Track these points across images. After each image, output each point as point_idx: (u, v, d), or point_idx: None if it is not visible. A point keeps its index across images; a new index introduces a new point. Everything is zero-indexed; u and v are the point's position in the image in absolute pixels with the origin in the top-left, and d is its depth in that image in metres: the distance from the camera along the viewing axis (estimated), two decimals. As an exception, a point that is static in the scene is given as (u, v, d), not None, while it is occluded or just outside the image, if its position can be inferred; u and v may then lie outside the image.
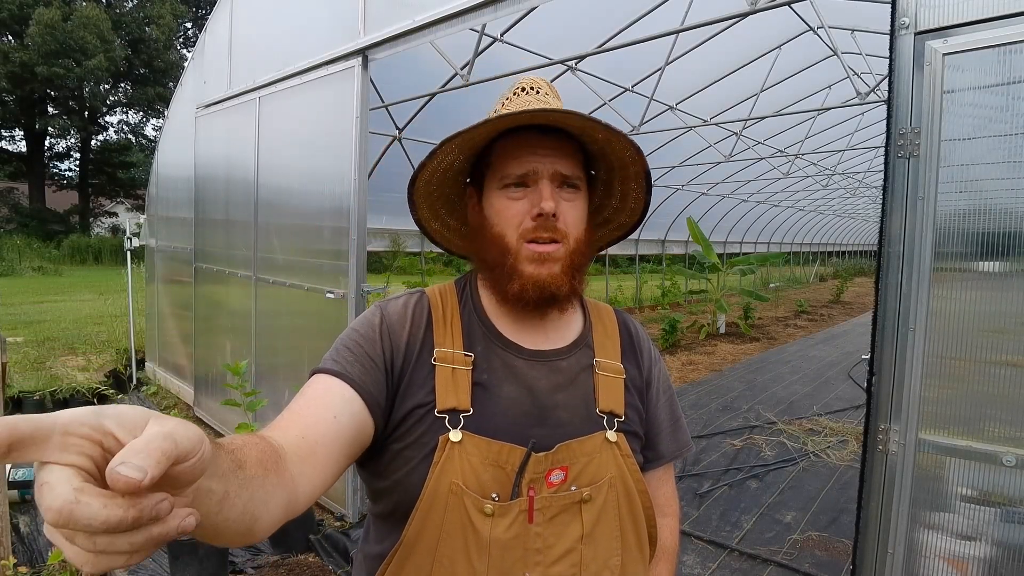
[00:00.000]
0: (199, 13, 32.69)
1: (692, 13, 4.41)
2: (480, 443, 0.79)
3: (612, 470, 0.84)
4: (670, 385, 1.01)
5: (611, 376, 0.91)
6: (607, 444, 0.85)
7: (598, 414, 0.87)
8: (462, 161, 0.91)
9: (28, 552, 3.00)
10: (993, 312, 1.37)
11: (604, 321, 0.98)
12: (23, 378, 5.69)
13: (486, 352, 0.86)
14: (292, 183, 3.80)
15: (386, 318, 0.87)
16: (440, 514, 0.77)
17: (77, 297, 12.68)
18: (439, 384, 0.82)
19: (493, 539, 0.77)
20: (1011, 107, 1.32)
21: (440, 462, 0.78)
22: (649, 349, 1.00)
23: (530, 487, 0.79)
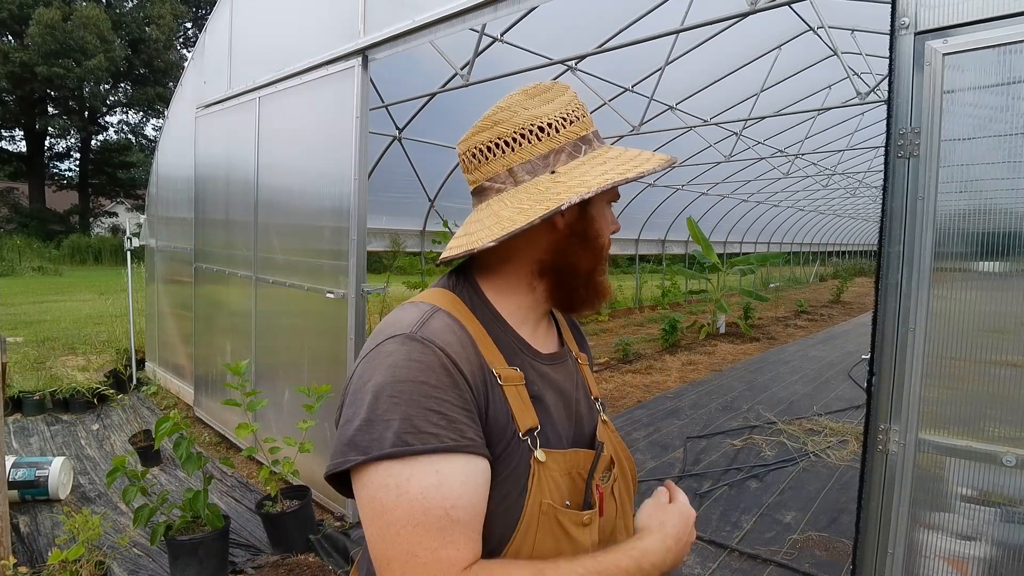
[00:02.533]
0: (199, 13, 32.67)
1: (692, 13, 4.41)
2: (557, 456, 0.79)
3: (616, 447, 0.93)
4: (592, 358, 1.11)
5: (585, 366, 1.00)
6: (604, 425, 0.93)
7: (593, 401, 0.96)
8: None
9: (28, 552, 3.00)
10: (993, 312, 1.37)
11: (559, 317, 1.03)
12: (23, 378, 5.69)
13: (524, 364, 0.83)
14: (292, 183, 3.80)
15: (452, 356, 0.73)
16: (533, 536, 0.74)
17: (77, 297, 12.68)
18: (514, 406, 0.77)
19: (592, 545, 0.80)
20: (1011, 107, 1.32)
21: (532, 485, 0.75)
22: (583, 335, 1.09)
23: (597, 485, 0.83)
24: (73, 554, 2.34)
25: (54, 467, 3.51)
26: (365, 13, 3.13)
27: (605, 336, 9.74)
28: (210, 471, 2.93)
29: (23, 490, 3.45)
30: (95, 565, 2.53)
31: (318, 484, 3.47)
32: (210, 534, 2.69)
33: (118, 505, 3.54)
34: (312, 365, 3.62)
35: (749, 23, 4.82)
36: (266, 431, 3.68)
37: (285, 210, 3.87)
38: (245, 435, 3.00)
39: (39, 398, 5.25)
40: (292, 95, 3.76)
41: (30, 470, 3.48)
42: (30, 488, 3.46)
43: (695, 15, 4.34)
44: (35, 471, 3.48)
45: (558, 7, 4.20)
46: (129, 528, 3.17)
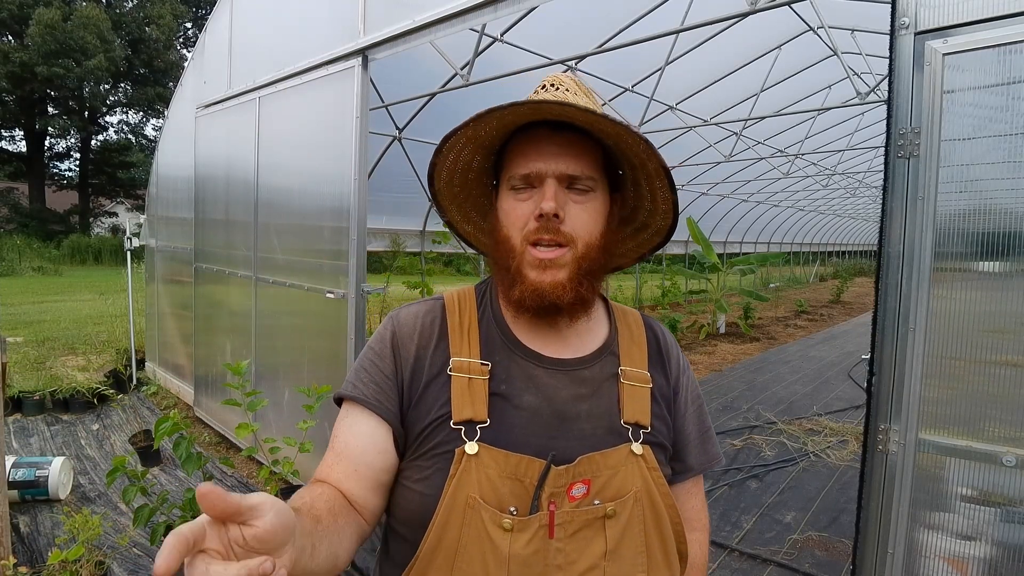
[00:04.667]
0: (199, 13, 32.66)
1: (692, 13, 4.41)
2: (497, 455, 0.76)
3: (637, 483, 0.80)
4: (699, 394, 0.96)
5: (637, 385, 0.86)
6: (632, 457, 0.81)
7: (623, 425, 0.83)
8: (480, 160, 0.89)
9: (28, 552, 3.00)
10: (993, 312, 1.37)
11: (631, 327, 0.93)
12: (23, 378, 5.69)
13: (505, 361, 0.83)
14: (292, 183, 3.80)
15: (396, 330, 0.87)
16: (457, 529, 0.75)
17: (77, 297, 12.67)
18: (454, 395, 0.80)
19: (512, 555, 0.74)
20: (1011, 107, 1.32)
21: (456, 475, 0.76)
22: (678, 356, 0.95)
23: (551, 501, 0.76)
24: (73, 554, 2.34)
25: (54, 467, 3.51)
26: (365, 13, 3.13)
27: (605, 336, 9.71)
28: (210, 471, 2.93)
29: (23, 490, 3.44)
30: (95, 565, 2.53)
31: (318, 484, 3.47)
32: None
33: (118, 505, 3.54)
34: (312, 365, 3.61)
35: (749, 23, 4.81)
36: (266, 431, 3.68)
37: (285, 210, 3.87)
38: (245, 435, 3.00)
39: (39, 398, 5.25)
40: (292, 95, 3.76)
41: (30, 470, 3.47)
42: (30, 488, 3.46)
43: (695, 15, 4.34)
44: (35, 471, 3.48)
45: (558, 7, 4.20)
46: (129, 528, 3.17)
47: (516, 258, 0.80)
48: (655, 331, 0.96)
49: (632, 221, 0.93)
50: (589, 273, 0.81)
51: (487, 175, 0.91)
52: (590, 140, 0.82)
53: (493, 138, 0.85)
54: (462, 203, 0.94)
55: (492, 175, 0.91)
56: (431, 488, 0.77)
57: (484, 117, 0.78)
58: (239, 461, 4.15)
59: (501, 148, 0.87)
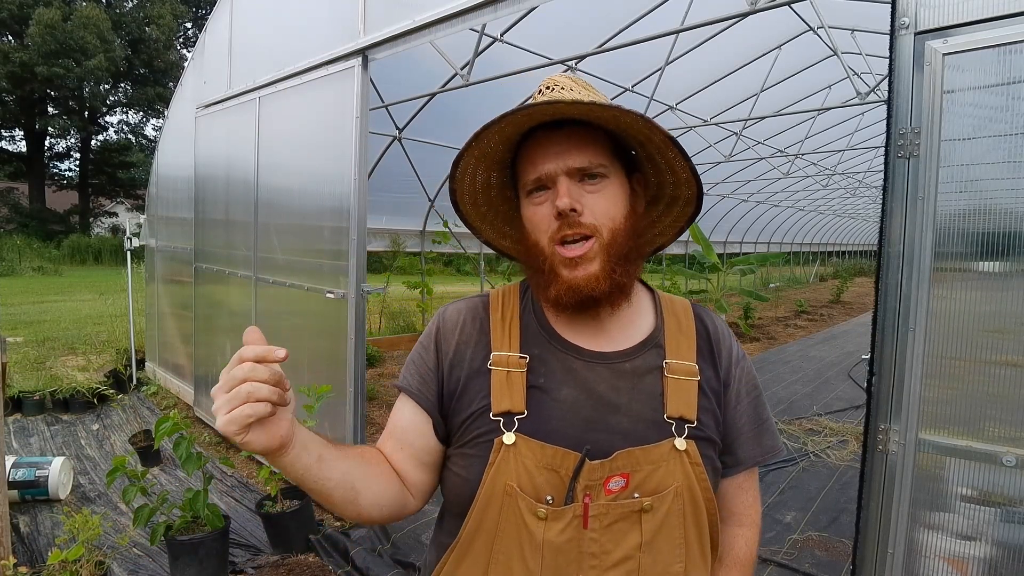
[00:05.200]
0: (199, 13, 32.67)
1: (692, 13, 4.41)
2: (534, 446, 0.79)
3: (679, 479, 0.80)
4: (756, 384, 0.94)
5: (682, 379, 0.85)
6: (675, 452, 0.81)
7: (666, 420, 0.82)
8: (497, 177, 0.92)
9: (28, 552, 3.00)
10: (993, 312, 1.37)
11: (679, 317, 0.92)
12: (23, 378, 5.69)
13: (544, 354, 0.86)
14: (292, 183, 3.80)
15: (440, 326, 0.92)
16: (495, 514, 0.79)
17: (77, 297, 12.68)
18: (494, 387, 0.84)
19: (546, 541, 0.78)
20: (1011, 107, 1.32)
21: (495, 464, 0.80)
22: (730, 347, 0.92)
23: (586, 493, 0.78)
24: (73, 554, 2.34)
25: (54, 467, 3.51)
26: (365, 13, 3.13)
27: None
28: (210, 471, 2.93)
29: (23, 490, 3.44)
30: (95, 565, 2.53)
31: (318, 484, 3.47)
32: (210, 534, 2.69)
33: (118, 505, 3.54)
34: (312, 365, 3.62)
35: (749, 23, 4.81)
36: (266, 431, 3.68)
37: (285, 210, 3.87)
38: (245, 435, 2.99)
39: (39, 398, 5.25)
40: (292, 95, 3.76)
41: (30, 470, 3.47)
42: (30, 488, 3.46)
43: (695, 15, 4.34)
44: (35, 471, 3.48)
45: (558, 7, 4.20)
46: (129, 528, 3.17)
47: (547, 259, 0.82)
48: (705, 321, 0.93)
49: (661, 197, 0.93)
50: (621, 258, 0.82)
51: (508, 189, 0.94)
52: (592, 129, 0.83)
53: (501, 153, 0.87)
54: (492, 220, 0.97)
55: (512, 189, 0.93)
56: (472, 475, 0.82)
57: (483, 133, 0.80)
58: (239, 461, 4.15)
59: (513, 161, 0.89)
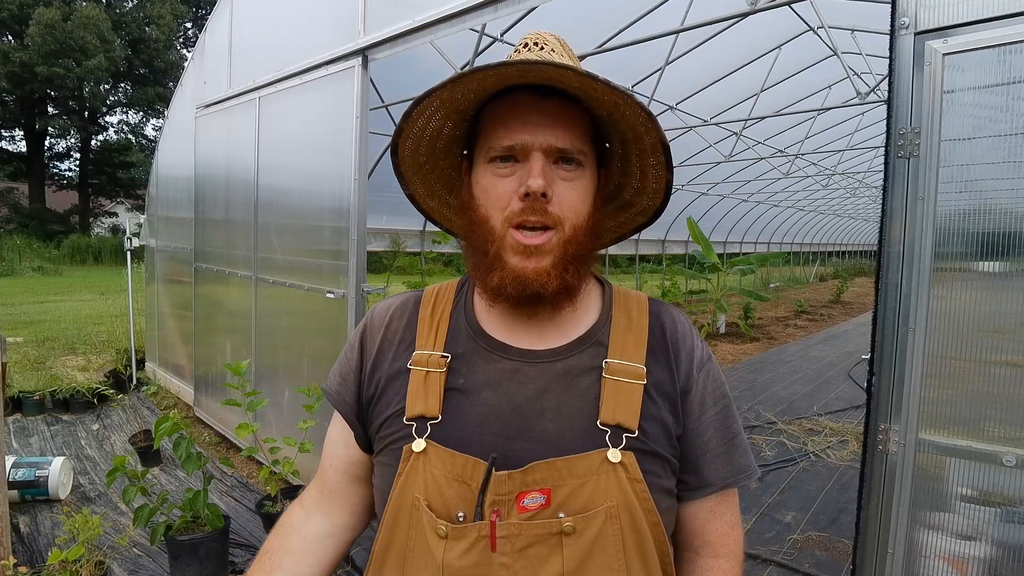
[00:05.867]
0: (199, 13, 32.66)
1: (692, 13, 4.41)
2: (444, 455, 0.70)
3: (614, 497, 0.68)
4: (725, 394, 0.80)
5: (624, 381, 0.73)
6: (607, 465, 0.69)
7: (599, 427, 0.71)
8: (451, 128, 0.79)
9: (28, 552, 3.00)
10: (993, 312, 1.37)
11: (630, 312, 0.80)
12: (23, 378, 5.69)
13: (468, 354, 0.76)
14: (292, 183, 3.80)
15: (368, 324, 0.85)
16: (404, 531, 0.71)
17: (77, 297, 12.68)
18: (410, 389, 0.75)
19: (446, 564, 0.67)
20: (1011, 107, 1.32)
21: (404, 473, 0.72)
22: (692, 348, 0.79)
23: (494, 510, 0.67)
24: (73, 554, 2.34)
25: (54, 467, 3.51)
26: (365, 13, 3.13)
27: (605, 336, 9.72)
28: (210, 471, 2.93)
29: (23, 490, 3.44)
30: (95, 565, 2.53)
31: (318, 484, 3.47)
32: (210, 534, 2.69)
33: (118, 505, 3.54)
34: (312, 365, 3.62)
35: (749, 23, 4.82)
36: (266, 431, 3.68)
37: (285, 210, 3.87)
38: (245, 435, 3.00)
39: (39, 398, 5.25)
40: (292, 95, 3.76)
41: (30, 470, 3.47)
42: (30, 488, 3.46)
43: (695, 15, 4.34)
44: (35, 471, 3.48)
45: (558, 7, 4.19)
46: (129, 528, 3.17)
47: (496, 242, 0.71)
48: (662, 317, 0.81)
49: (615, 199, 0.84)
50: (575, 258, 0.72)
51: (457, 144, 0.82)
52: (580, 109, 0.72)
53: (469, 102, 0.74)
54: (427, 175, 0.84)
55: (463, 144, 0.81)
56: (384, 485, 0.75)
57: (464, 79, 0.68)
58: (239, 461, 4.15)
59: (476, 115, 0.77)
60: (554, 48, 0.76)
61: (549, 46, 0.76)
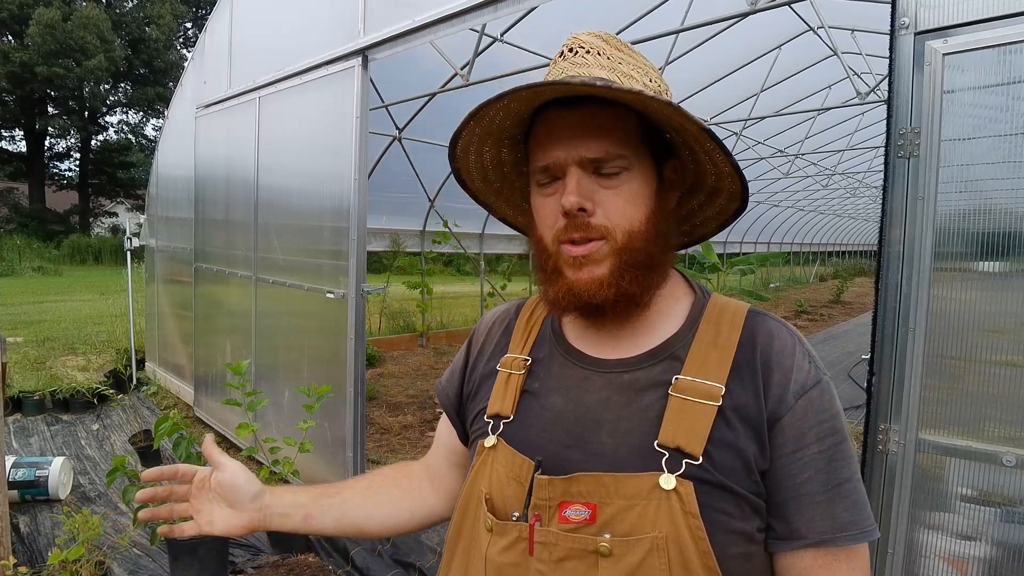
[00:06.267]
0: (199, 13, 32.66)
1: (692, 13, 4.41)
2: (508, 453, 0.72)
3: (663, 527, 0.61)
4: (836, 430, 0.67)
5: (692, 400, 0.66)
6: (659, 491, 0.62)
7: (656, 449, 0.65)
8: (508, 154, 0.80)
9: (28, 552, 3.00)
10: (993, 312, 1.37)
11: (719, 326, 0.72)
12: (23, 378, 5.69)
13: (547, 359, 0.77)
14: (292, 183, 3.80)
15: (478, 326, 0.92)
16: (470, 522, 0.74)
17: (77, 297, 12.68)
18: (494, 389, 0.79)
19: (488, 558, 0.69)
20: (1011, 107, 1.32)
21: (475, 467, 0.75)
22: (791, 369, 0.68)
23: (536, 514, 0.66)
24: (73, 554, 2.34)
25: (54, 467, 3.51)
26: (365, 13, 3.13)
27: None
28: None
29: (23, 490, 3.44)
30: (95, 565, 2.53)
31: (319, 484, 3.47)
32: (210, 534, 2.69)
33: (118, 505, 3.54)
34: (312, 365, 3.62)
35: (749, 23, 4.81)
36: (266, 431, 3.68)
37: (285, 210, 3.87)
38: (245, 435, 3.00)
39: (39, 398, 5.25)
40: (292, 95, 3.76)
41: (30, 470, 3.47)
42: (30, 488, 3.46)
43: (695, 15, 4.34)
44: (35, 471, 3.48)
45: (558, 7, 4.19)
46: (129, 528, 3.17)
47: (551, 258, 0.71)
48: (757, 331, 0.71)
49: (702, 187, 0.80)
50: (634, 265, 0.68)
51: (524, 164, 0.81)
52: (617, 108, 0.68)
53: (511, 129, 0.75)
54: (508, 196, 0.86)
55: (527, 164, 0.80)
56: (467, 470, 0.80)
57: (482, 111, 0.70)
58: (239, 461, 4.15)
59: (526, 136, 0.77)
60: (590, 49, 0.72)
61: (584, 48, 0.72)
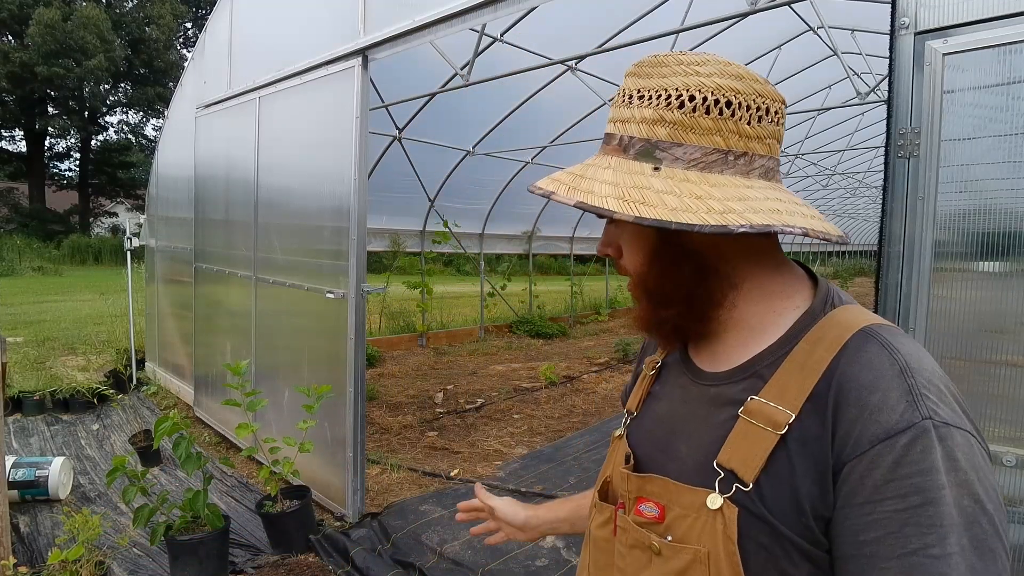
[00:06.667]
0: (199, 13, 32.66)
1: (692, 13, 4.41)
2: (622, 445, 0.81)
3: (707, 543, 0.62)
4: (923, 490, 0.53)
5: (756, 424, 0.63)
6: (706, 510, 0.63)
7: (715, 467, 0.64)
8: None
9: (28, 552, 3.00)
10: (993, 312, 1.37)
11: (817, 346, 0.64)
12: (23, 378, 5.69)
13: (671, 365, 0.83)
14: (292, 183, 3.80)
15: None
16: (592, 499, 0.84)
17: (77, 297, 12.68)
18: (635, 387, 0.88)
19: (591, 529, 0.81)
20: (1011, 107, 1.32)
21: (609, 454, 0.85)
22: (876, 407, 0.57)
23: (620, 502, 0.75)
24: (73, 554, 2.34)
25: (54, 467, 3.51)
26: (365, 13, 3.14)
27: (605, 336, 9.74)
28: (210, 471, 2.93)
29: (23, 490, 3.45)
30: (95, 565, 2.53)
31: (318, 484, 3.47)
32: (210, 534, 2.69)
33: (118, 505, 3.54)
34: (312, 365, 3.62)
35: (749, 23, 4.81)
36: (266, 431, 3.69)
37: (285, 210, 3.87)
38: (245, 435, 3.00)
39: (39, 398, 5.25)
40: (292, 95, 3.76)
41: (30, 470, 3.48)
42: (30, 488, 3.46)
43: (695, 15, 4.34)
44: (35, 471, 3.48)
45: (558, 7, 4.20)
46: (129, 528, 3.17)
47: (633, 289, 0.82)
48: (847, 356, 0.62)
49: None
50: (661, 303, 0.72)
51: None
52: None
53: None
54: None
55: None
56: None
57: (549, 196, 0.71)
58: (239, 461, 4.15)
59: None
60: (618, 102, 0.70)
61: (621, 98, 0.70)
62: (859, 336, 0.63)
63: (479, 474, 3.99)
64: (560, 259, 19.72)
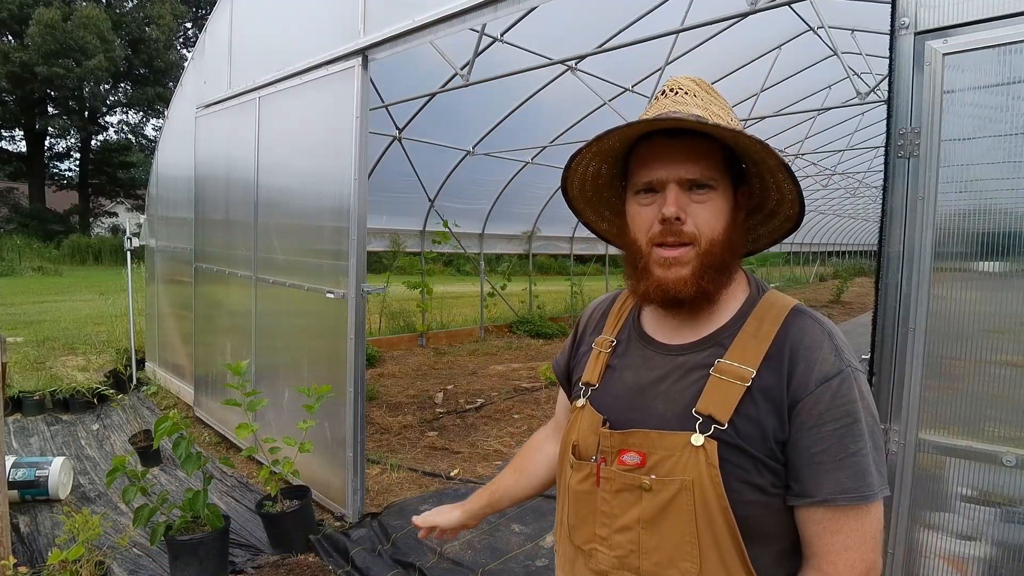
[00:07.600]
0: (199, 13, 32.66)
1: (692, 13, 4.42)
2: (591, 413, 0.95)
3: (691, 473, 0.81)
4: (851, 413, 0.80)
5: (726, 379, 0.84)
6: (690, 447, 0.82)
7: (693, 415, 0.84)
8: (608, 169, 0.99)
9: (28, 552, 3.00)
10: (993, 312, 1.37)
11: (762, 321, 0.88)
12: (23, 378, 5.69)
13: (627, 341, 0.99)
14: (292, 183, 3.80)
15: (585, 311, 1.14)
16: (563, 461, 0.99)
17: (77, 297, 12.67)
18: (588, 362, 1.02)
19: (570, 485, 0.95)
20: (1011, 107, 1.32)
21: (571, 421, 0.99)
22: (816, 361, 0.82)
23: (601, 457, 0.90)
24: (73, 554, 2.34)
25: (54, 467, 3.51)
26: (365, 13, 3.13)
27: (605, 336, 9.73)
28: (210, 471, 2.93)
29: (23, 490, 3.45)
30: (95, 565, 2.53)
31: (318, 484, 3.47)
32: (210, 534, 2.69)
33: (118, 505, 3.54)
34: (312, 365, 3.62)
35: (749, 23, 4.82)
36: (266, 431, 3.68)
37: (285, 210, 3.87)
38: (245, 435, 3.00)
39: (39, 398, 5.25)
40: (292, 95, 3.76)
41: (30, 470, 3.48)
42: (30, 488, 3.46)
43: (695, 15, 4.35)
44: (35, 471, 3.48)
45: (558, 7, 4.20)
46: (129, 528, 3.17)
47: (644, 257, 0.89)
48: (791, 328, 0.86)
49: (761, 209, 0.99)
50: (712, 267, 0.86)
51: (616, 179, 1.01)
52: (709, 141, 0.87)
53: (617, 149, 0.94)
54: (596, 205, 1.05)
55: (621, 179, 1.00)
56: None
57: (606, 136, 0.87)
58: (239, 461, 4.15)
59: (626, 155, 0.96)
60: (688, 91, 0.92)
61: (684, 90, 0.92)
62: (794, 313, 0.89)
63: (479, 474, 3.99)
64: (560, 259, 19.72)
